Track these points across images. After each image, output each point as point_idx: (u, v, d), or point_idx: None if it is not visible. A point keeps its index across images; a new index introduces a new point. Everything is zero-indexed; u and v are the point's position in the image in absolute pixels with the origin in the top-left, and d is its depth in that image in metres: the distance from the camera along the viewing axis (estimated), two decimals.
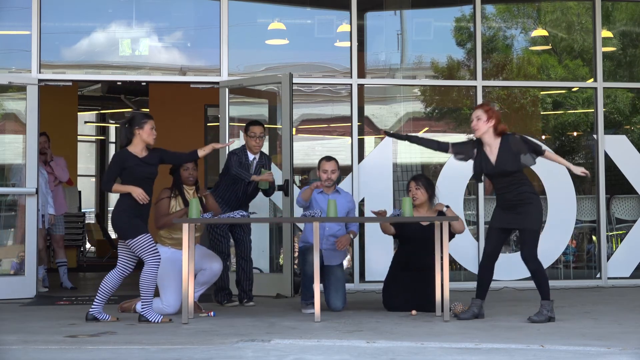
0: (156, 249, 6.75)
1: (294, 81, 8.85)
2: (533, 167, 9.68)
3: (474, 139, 7.03)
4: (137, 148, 6.84)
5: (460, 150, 7.07)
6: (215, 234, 8.03)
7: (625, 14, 11.19)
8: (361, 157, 9.66)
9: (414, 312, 7.23)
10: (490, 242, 6.97)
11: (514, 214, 6.80)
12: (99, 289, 6.82)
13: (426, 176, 7.90)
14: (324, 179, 7.69)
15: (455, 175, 9.44)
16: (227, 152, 8.88)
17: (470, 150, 7.02)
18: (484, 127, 6.90)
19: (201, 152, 7.13)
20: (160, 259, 6.77)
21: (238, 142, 8.66)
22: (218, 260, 7.56)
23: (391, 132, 7.49)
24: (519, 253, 6.97)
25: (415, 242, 7.52)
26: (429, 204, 7.64)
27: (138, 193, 6.70)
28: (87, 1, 9.88)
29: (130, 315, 7.10)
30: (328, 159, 7.79)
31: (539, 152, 6.89)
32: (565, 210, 9.74)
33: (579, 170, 6.94)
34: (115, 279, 6.81)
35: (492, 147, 6.89)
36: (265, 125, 10.00)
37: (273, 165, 9.02)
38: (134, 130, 6.85)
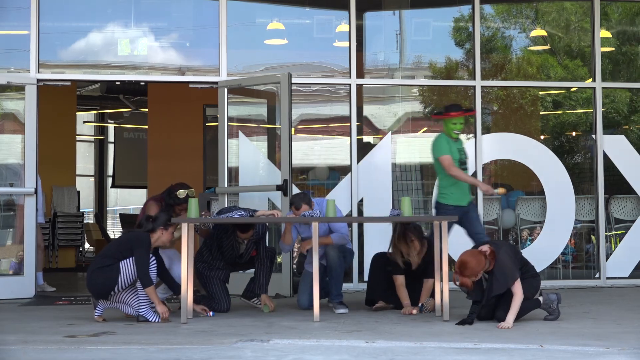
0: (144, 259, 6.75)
1: (292, 81, 8.84)
2: (532, 167, 9.80)
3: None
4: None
5: None
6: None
7: (623, 13, 11.19)
8: (360, 157, 9.65)
9: (414, 311, 7.24)
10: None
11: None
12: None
13: (406, 231, 7.35)
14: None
15: None
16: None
17: None
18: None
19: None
20: (155, 263, 6.77)
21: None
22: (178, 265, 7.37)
23: None
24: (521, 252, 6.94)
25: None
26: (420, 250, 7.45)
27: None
28: (86, 1, 9.87)
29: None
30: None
31: None
32: (564, 210, 9.74)
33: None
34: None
35: None
36: (264, 125, 10.02)
37: (273, 165, 8.99)
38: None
